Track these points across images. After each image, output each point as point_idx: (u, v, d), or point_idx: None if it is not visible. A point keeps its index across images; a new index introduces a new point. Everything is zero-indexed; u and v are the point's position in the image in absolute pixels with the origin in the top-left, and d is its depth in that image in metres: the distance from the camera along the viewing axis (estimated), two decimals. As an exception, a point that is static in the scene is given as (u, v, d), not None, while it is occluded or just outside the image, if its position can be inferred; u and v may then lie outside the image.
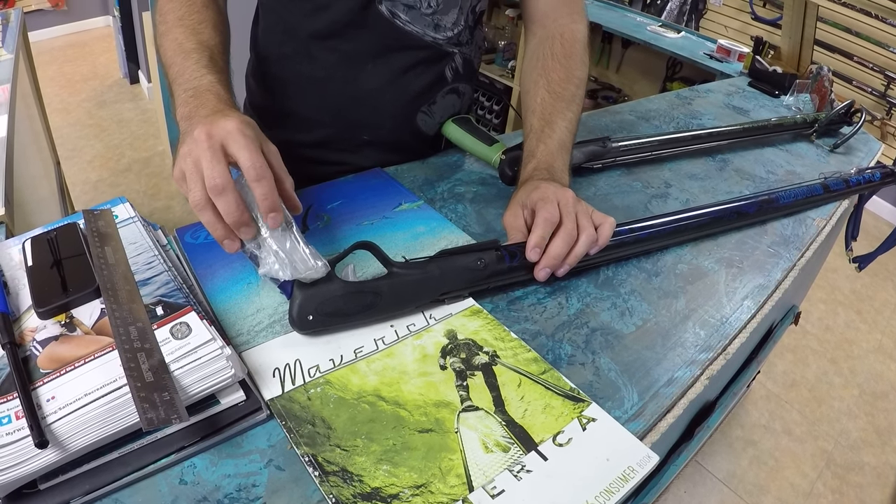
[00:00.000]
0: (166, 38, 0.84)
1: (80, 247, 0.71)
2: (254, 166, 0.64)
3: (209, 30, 0.85)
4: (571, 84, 1.00)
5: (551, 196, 0.82)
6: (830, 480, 2.20)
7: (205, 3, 0.88)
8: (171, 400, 0.53)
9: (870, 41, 3.74)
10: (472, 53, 1.12)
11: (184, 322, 0.61)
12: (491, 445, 0.59)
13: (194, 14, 0.85)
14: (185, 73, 0.78)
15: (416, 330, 0.72)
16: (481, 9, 1.09)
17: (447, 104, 1.12)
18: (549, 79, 1.00)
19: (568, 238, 0.79)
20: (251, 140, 0.66)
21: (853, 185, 1.17)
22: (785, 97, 1.73)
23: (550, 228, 0.80)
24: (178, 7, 0.86)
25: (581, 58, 1.03)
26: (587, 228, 0.80)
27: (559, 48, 1.02)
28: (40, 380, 0.55)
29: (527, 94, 1.03)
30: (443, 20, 1.02)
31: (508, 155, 1.04)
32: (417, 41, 1.02)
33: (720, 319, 0.82)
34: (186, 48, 0.81)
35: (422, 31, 1.01)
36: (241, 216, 0.65)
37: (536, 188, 0.85)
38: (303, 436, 0.58)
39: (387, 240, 0.86)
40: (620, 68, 3.78)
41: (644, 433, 0.65)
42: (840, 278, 3.30)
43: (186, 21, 0.84)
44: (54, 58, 5.07)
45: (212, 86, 0.75)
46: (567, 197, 0.82)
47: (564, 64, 1.01)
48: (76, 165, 3.56)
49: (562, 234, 0.79)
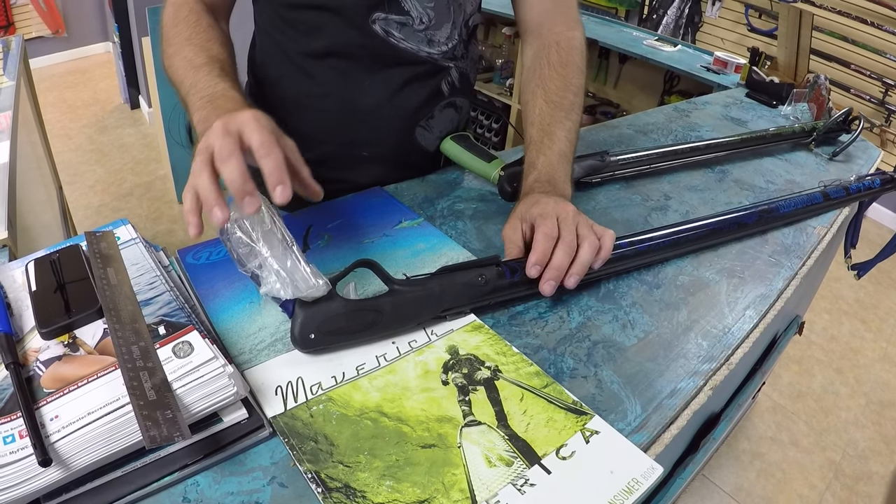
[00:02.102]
0: (176, 58, 0.85)
1: (82, 268, 0.72)
2: (263, 144, 0.65)
3: (217, 46, 0.87)
4: (569, 93, 1.00)
5: (551, 211, 0.82)
6: (839, 491, 2.18)
7: (210, 24, 0.89)
8: (174, 418, 0.53)
9: (866, 49, 3.75)
10: (467, 67, 1.13)
11: (186, 341, 0.61)
12: (494, 460, 0.59)
13: (201, 33, 0.87)
14: (198, 84, 0.79)
15: (417, 346, 0.72)
16: (474, 23, 1.10)
17: (445, 118, 1.12)
18: (547, 88, 1.00)
19: (568, 249, 0.79)
20: (265, 126, 0.67)
21: (853, 193, 1.17)
22: (782, 107, 1.73)
23: (551, 244, 0.79)
24: (184, 29, 0.87)
25: (578, 65, 1.04)
26: (588, 237, 0.80)
27: (556, 57, 1.03)
28: (44, 399, 0.55)
29: (525, 106, 1.04)
30: (436, 35, 1.03)
31: (507, 171, 1.04)
32: (412, 57, 1.03)
33: (722, 330, 0.82)
34: (197, 63, 0.82)
35: (416, 46, 1.02)
36: (245, 185, 0.64)
37: (536, 202, 0.85)
38: (305, 453, 0.58)
39: (387, 257, 0.86)
40: (618, 83, 3.80)
41: (648, 445, 0.65)
42: (843, 287, 3.29)
43: (195, 40, 0.86)
44: (55, 84, 5.10)
45: (226, 91, 0.77)
46: (567, 211, 0.82)
47: (561, 73, 1.02)
48: (78, 190, 3.57)
49: (561, 245, 0.79)
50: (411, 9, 0.99)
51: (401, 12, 0.98)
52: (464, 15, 1.06)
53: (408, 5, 0.98)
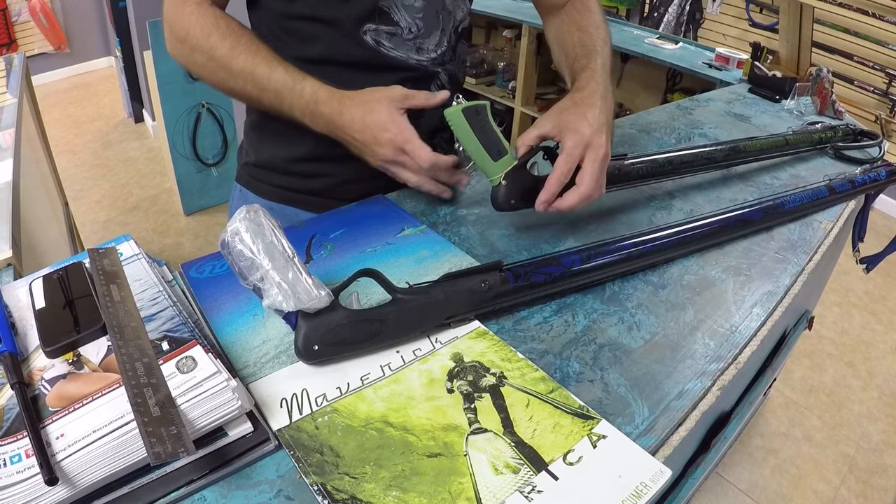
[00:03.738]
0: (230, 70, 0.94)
1: (85, 285, 0.72)
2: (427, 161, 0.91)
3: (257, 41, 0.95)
4: (601, 30, 1.06)
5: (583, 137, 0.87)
6: (854, 485, 2.17)
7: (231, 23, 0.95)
8: (179, 434, 0.53)
9: (869, 40, 3.74)
10: (456, 69, 1.14)
11: (189, 356, 0.61)
12: (501, 467, 0.59)
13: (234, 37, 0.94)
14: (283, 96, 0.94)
15: (422, 354, 0.72)
16: (464, 27, 1.12)
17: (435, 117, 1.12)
18: (581, 24, 1.07)
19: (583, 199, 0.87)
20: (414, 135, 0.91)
21: (859, 186, 1.17)
22: (786, 101, 1.73)
23: (565, 180, 0.87)
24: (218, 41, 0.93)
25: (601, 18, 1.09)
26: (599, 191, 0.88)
27: (577, 14, 1.09)
28: (49, 418, 0.55)
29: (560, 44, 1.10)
30: (425, 43, 1.05)
31: (512, 178, 0.91)
32: (402, 64, 1.05)
33: (730, 329, 0.81)
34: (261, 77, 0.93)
35: (405, 55, 1.04)
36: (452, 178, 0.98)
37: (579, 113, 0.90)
38: (311, 465, 0.58)
39: (391, 265, 0.86)
40: (621, 83, 3.79)
41: (656, 448, 0.64)
42: (853, 280, 3.28)
43: (238, 47, 0.93)
44: (59, 100, 5.13)
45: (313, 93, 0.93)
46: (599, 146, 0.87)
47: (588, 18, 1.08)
48: (85, 206, 3.59)
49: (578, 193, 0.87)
50: (400, 20, 1.01)
51: (390, 23, 1.01)
52: (453, 22, 1.08)
53: (397, 16, 1.00)
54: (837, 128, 1.38)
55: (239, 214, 0.68)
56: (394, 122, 0.90)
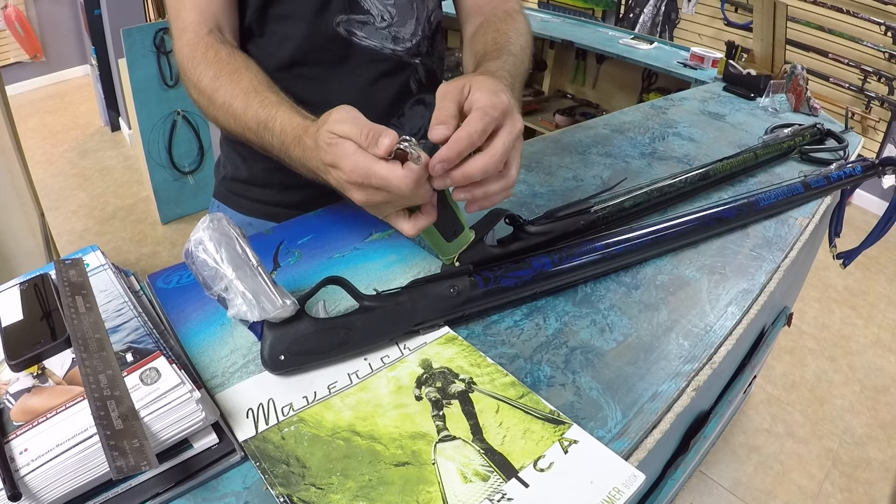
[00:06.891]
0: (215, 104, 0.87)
1: (51, 298, 0.70)
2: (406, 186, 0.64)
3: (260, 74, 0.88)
4: (521, 38, 0.96)
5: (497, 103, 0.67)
6: (838, 479, 2.18)
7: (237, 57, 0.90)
8: (142, 447, 0.52)
9: (843, 37, 3.78)
10: (434, 64, 1.13)
11: (153, 367, 0.60)
12: (470, 475, 0.58)
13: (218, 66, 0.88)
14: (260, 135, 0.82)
15: (390, 362, 0.71)
16: (437, 19, 1.11)
17: (416, 115, 1.12)
18: (499, 28, 0.98)
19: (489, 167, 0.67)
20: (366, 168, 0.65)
21: (834, 181, 1.17)
22: (760, 99, 1.74)
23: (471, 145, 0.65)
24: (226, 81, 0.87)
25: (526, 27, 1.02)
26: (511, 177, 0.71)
27: (498, 20, 1.01)
28: (13, 433, 0.54)
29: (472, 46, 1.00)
30: (400, 32, 1.04)
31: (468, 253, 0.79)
32: (377, 55, 1.03)
33: (704, 328, 0.81)
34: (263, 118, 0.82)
35: (380, 44, 1.03)
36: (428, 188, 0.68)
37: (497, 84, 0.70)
38: (277, 476, 0.57)
39: (359, 271, 0.85)
40: (596, 84, 3.81)
41: (630, 451, 0.64)
42: (832, 275, 3.30)
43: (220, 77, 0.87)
44: (35, 109, 5.08)
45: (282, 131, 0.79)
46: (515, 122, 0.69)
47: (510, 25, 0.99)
48: (61, 216, 3.55)
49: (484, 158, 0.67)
50: (371, 7, 1.00)
51: (361, 11, 1.00)
52: (427, 10, 1.07)
53: (367, 4, 1.00)
54: (805, 132, 1.37)
55: (202, 223, 0.67)
56: (345, 156, 0.67)
